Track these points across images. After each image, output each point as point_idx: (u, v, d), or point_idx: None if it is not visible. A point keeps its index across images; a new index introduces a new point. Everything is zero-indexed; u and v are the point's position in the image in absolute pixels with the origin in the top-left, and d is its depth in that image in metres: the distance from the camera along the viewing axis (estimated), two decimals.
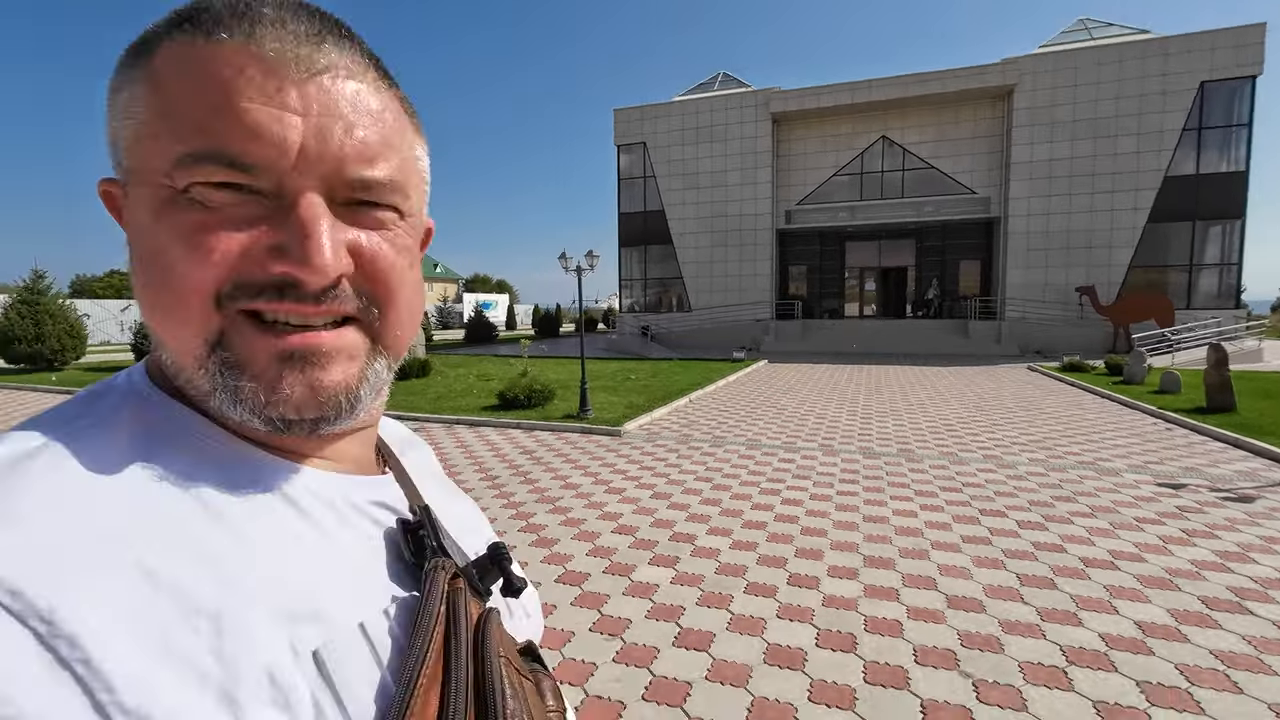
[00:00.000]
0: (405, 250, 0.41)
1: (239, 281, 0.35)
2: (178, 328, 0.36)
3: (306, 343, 0.36)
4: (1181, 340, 16.88)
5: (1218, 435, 7.65)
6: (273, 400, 0.36)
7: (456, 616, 0.39)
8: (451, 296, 58.66)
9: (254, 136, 0.33)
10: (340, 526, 0.40)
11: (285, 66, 0.35)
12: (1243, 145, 18.61)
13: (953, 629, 3.16)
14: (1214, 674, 2.78)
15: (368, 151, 0.37)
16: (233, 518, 0.35)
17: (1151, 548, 4.23)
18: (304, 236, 0.34)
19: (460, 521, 0.53)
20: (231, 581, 0.32)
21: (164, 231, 0.34)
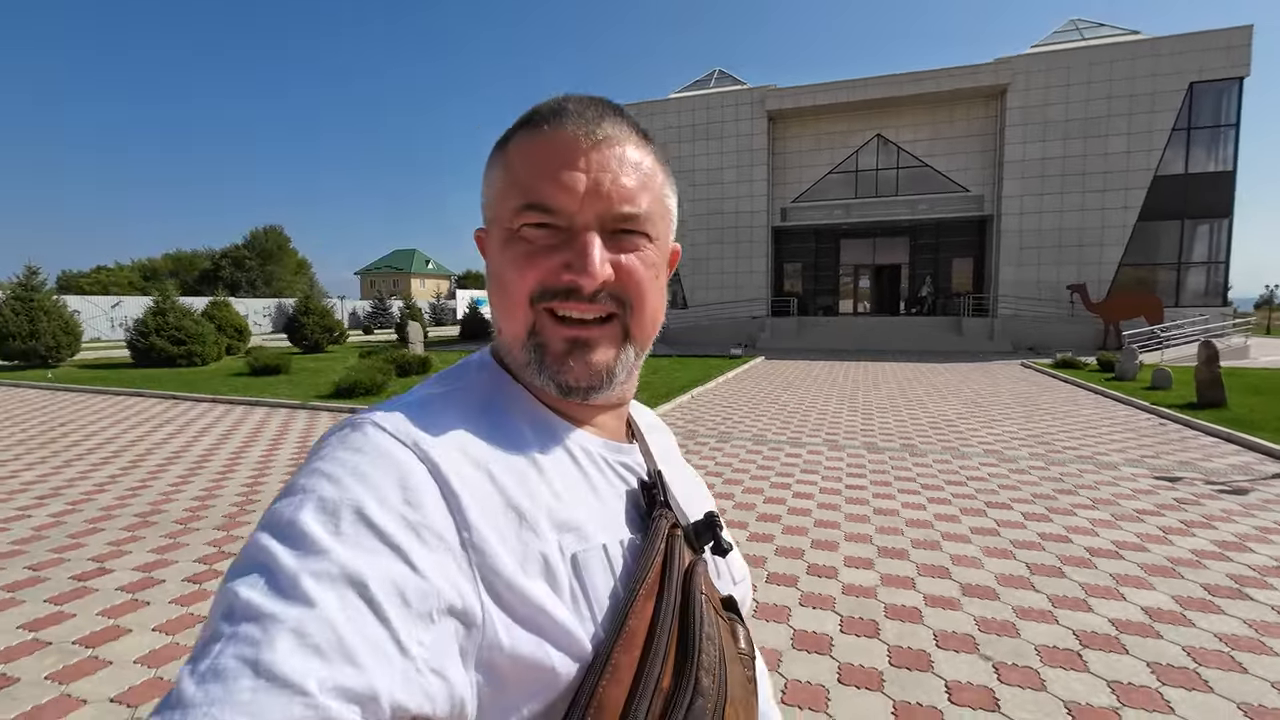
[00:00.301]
0: (652, 266, 0.54)
1: (543, 288, 0.51)
2: (510, 321, 0.54)
3: (583, 334, 0.52)
4: (1171, 337, 17.20)
5: (1210, 430, 7.86)
6: (561, 371, 0.53)
7: (671, 555, 0.51)
8: (444, 293, 58.46)
9: (556, 191, 0.50)
10: (599, 475, 0.55)
11: (578, 141, 0.51)
12: (1230, 145, 18.95)
13: (969, 615, 3.29)
14: (1219, 655, 2.92)
15: (628, 194, 0.52)
16: (535, 454, 0.52)
17: (1152, 538, 4.39)
18: (583, 256, 0.50)
19: (686, 491, 0.66)
20: (532, 495, 0.49)
21: (505, 258, 0.53)
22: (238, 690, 0.33)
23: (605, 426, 0.59)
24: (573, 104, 0.53)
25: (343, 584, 0.38)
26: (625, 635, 0.45)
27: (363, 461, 0.44)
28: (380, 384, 11.30)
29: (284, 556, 0.38)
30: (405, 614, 0.39)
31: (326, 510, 0.41)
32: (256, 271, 57.27)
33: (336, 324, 22.00)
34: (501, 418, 0.53)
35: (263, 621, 0.35)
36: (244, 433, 8.19)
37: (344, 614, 0.37)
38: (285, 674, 0.33)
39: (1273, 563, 3.96)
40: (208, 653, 0.35)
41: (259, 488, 5.68)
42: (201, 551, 4.18)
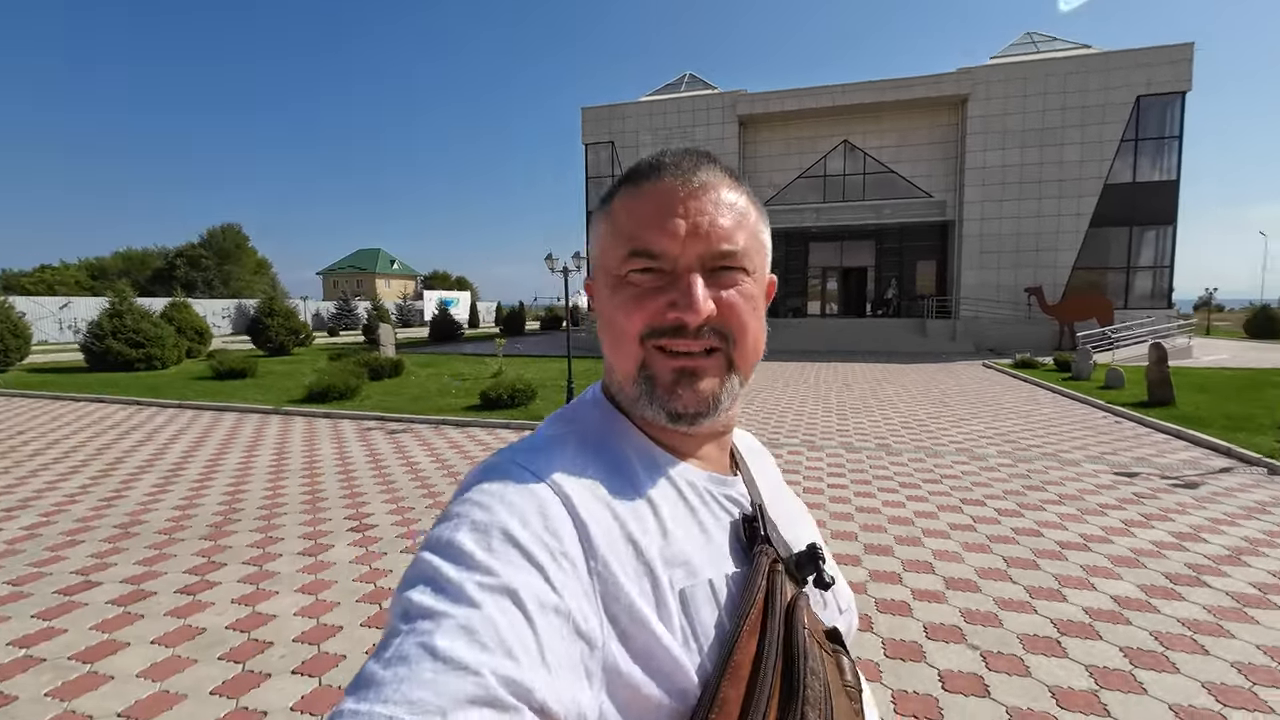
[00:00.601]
0: (750, 298, 0.57)
1: (651, 327, 0.55)
2: (621, 359, 0.57)
3: (689, 364, 0.56)
4: (1121, 338, 18.04)
5: (1162, 427, 8.32)
6: (671, 399, 0.56)
7: (773, 590, 0.52)
8: (410, 293, 57.46)
9: (659, 236, 0.55)
10: (704, 509, 0.57)
11: (675, 190, 0.55)
12: (1174, 155, 19.95)
13: (955, 607, 3.47)
14: (1183, 639, 3.16)
15: (725, 234, 0.55)
16: (647, 490, 0.55)
17: (1116, 530, 4.67)
18: (687, 295, 0.53)
19: (789, 519, 0.67)
20: (646, 530, 0.52)
21: (614, 302, 0.57)
22: (420, 671, 0.38)
23: (709, 457, 0.62)
24: (669, 157, 0.58)
25: (499, 592, 0.43)
26: (731, 670, 0.47)
27: (507, 492, 0.50)
28: (354, 388, 11.13)
29: (447, 568, 0.44)
30: (549, 626, 0.43)
31: (479, 530, 0.46)
32: (214, 271, 55.41)
33: (302, 326, 21.52)
34: (616, 455, 0.57)
35: (436, 618, 0.41)
36: (217, 439, 7.99)
37: (504, 618, 0.41)
38: (460, 659, 0.39)
39: (1225, 551, 4.26)
40: (389, 645, 0.40)
41: (241, 496, 5.58)
42: (191, 563, 4.11)
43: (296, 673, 2.86)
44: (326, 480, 6.08)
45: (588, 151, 25.39)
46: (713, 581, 0.52)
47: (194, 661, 2.95)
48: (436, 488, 5.81)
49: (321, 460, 6.89)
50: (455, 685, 0.38)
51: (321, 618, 3.38)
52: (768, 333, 0.62)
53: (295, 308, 22.38)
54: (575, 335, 28.98)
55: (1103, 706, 2.62)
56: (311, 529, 4.73)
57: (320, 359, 17.58)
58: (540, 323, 43.85)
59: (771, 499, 0.66)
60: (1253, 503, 5.31)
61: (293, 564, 4.09)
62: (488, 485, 0.51)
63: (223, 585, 3.77)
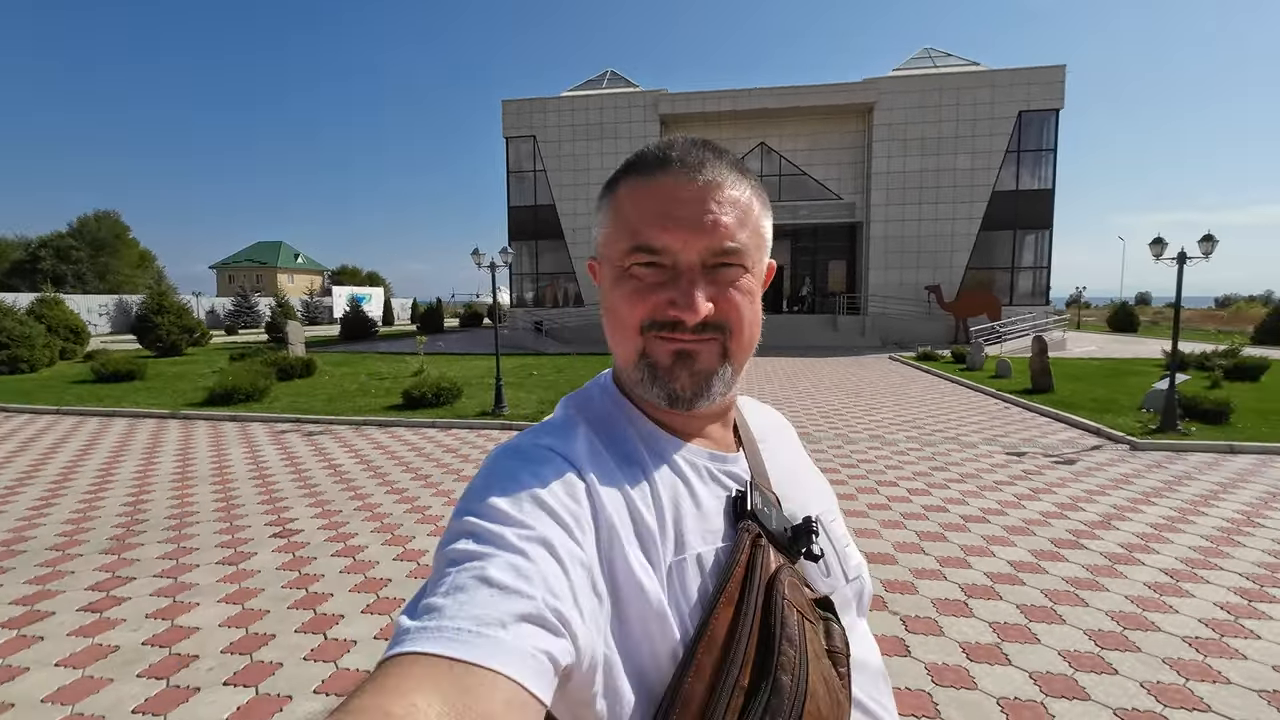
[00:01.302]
0: (748, 293, 0.59)
1: (652, 320, 0.57)
2: (623, 346, 0.60)
3: (686, 346, 0.58)
4: (1007, 332, 19.78)
5: (1043, 412, 9.25)
6: (671, 380, 0.58)
7: (754, 563, 0.55)
8: (317, 289, 54.21)
9: (661, 233, 0.56)
10: (701, 485, 0.60)
11: (680, 187, 0.56)
12: (1050, 167, 22.05)
13: (877, 578, 3.76)
14: (1067, 594, 3.58)
15: (728, 231, 0.56)
16: (648, 467, 0.59)
17: (1009, 504, 5.19)
18: (687, 295, 0.55)
19: (801, 491, 0.70)
20: (646, 504, 0.56)
21: (618, 293, 0.59)
22: (478, 595, 0.41)
23: (712, 436, 0.65)
24: (676, 150, 0.58)
25: (537, 542, 0.46)
26: (707, 638, 0.50)
27: (530, 465, 0.54)
28: (262, 389, 10.47)
29: (486, 524, 0.47)
30: (579, 576, 0.47)
31: (510, 495, 0.50)
32: (87, 264, 50.03)
33: (196, 324, 19.91)
34: (621, 436, 0.61)
35: (485, 558, 0.44)
36: (107, 447, 7.31)
37: (544, 563, 0.45)
38: (513, 585, 0.42)
39: (1098, 518, 4.84)
40: (443, 581, 0.43)
41: (144, 506, 5.17)
42: (94, 579, 3.79)
43: (229, 684, 2.73)
44: (241, 486, 5.73)
45: (509, 145, 24.94)
46: (701, 555, 0.55)
47: (109, 681, 2.75)
48: (364, 490, 5.60)
49: (233, 465, 6.46)
50: (512, 604, 0.41)
51: (250, 627, 3.22)
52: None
53: (187, 304, 20.70)
54: (500, 332, 28.38)
55: (1004, 656, 2.95)
56: (229, 537, 4.46)
57: (219, 359, 16.34)
58: (459, 320, 42.58)
59: (783, 475, 0.69)
60: (1118, 475, 6.03)
61: (212, 574, 3.85)
62: (511, 461, 0.55)
63: (133, 600, 3.51)
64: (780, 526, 0.60)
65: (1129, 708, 2.58)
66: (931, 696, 2.66)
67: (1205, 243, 7.92)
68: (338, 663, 2.90)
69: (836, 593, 0.65)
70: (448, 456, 6.83)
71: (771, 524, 0.59)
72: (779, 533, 0.59)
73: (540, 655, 0.40)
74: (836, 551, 0.68)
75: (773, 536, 0.58)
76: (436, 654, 0.38)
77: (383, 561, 4.03)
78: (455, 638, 0.38)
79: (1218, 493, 5.48)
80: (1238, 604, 3.46)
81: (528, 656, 0.39)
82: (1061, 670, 2.84)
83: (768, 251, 0.63)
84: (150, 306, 18.96)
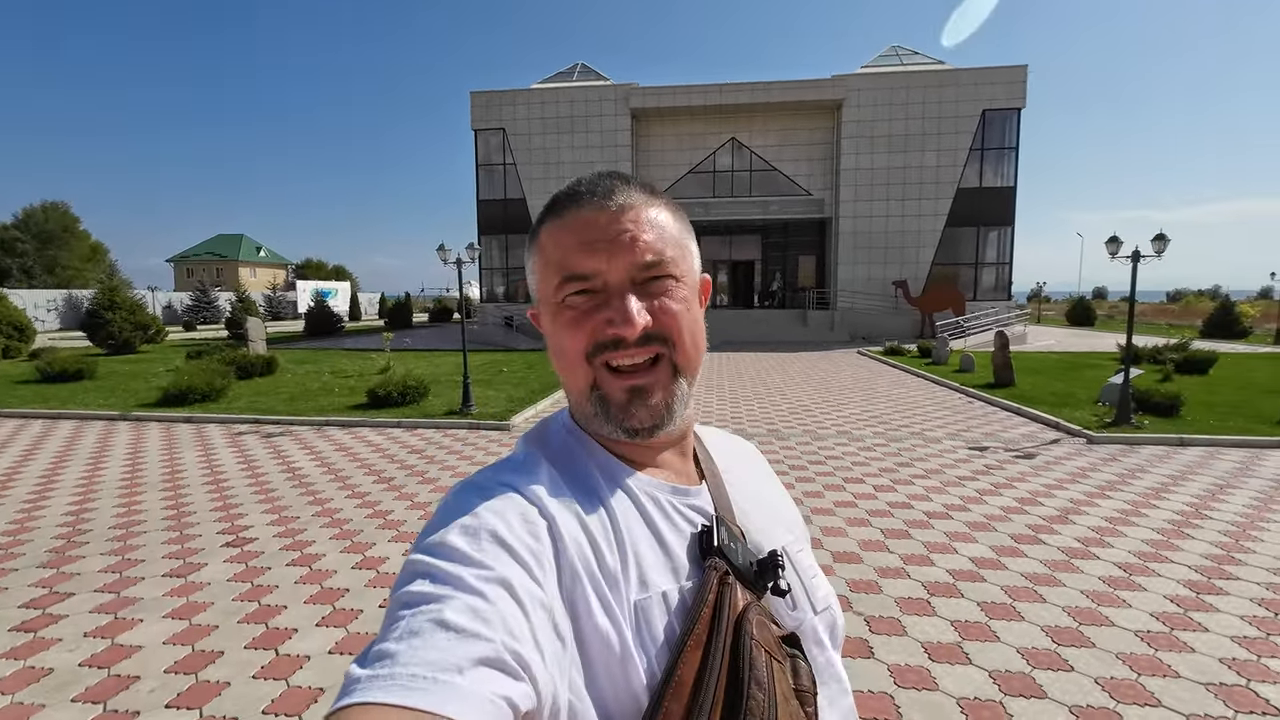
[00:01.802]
0: (683, 300, 0.59)
1: (594, 343, 0.57)
2: (572, 378, 0.60)
3: (639, 382, 0.58)
4: (971, 327, 20.23)
5: (1005, 406, 9.46)
6: (626, 418, 0.58)
7: (721, 603, 0.53)
8: (280, 284, 52.76)
9: (585, 259, 0.57)
10: (664, 521, 0.59)
11: (597, 215, 0.58)
12: (1012, 165, 22.56)
13: (842, 579, 3.79)
14: (1025, 590, 3.64)
15: (650, 248, 0.58)
16: (610, 504, 0.57)
17: (971, 499, 5.27)
18: (621, 310, 0.56)
19: (766, 524, 0.67)
20: (609, 543, 0.54)
21: (558, 326, 0.59)
22: (434, 640, 0.40)
23: (671, 467, 0.64)
24: (584, 185, 0.60)
25: (496, 583, 0.45)
26: (675, 684, 0.48)
27: (490, 502, 0.53)
28: (220, 388, 10.13)
29: (443, 564, 0.46)
30: (539, 618, 0.46)
31: (469, 533, 0.49)
32: (34, 257, 47.90)
33: (151, 320, 19.18)
34: (582, 472, 0.59)
35: (441, 600, 0.43)
36: (51, 450, 6.99)
37: (503, 604, 0.44)
38: (471, 628, 0.41)
39: (1056, 512, 4.95)
40: (396, 626, 0.42)
41: (88, 514, 4.94)
42: (27, 595, 3.59)
43: (171, 706, 2.61)
44: (193, 492, 5.51)
45: (477, 138, 24.55)
46: (667, 594, 0.54)
47: (40, 707, 2.60)
48: (324, 494, 5.44)
49: (185, 470, 6.23)
50: (469, 648, 0.40)
51: (197, 644, 3.09)
52: (706, 328, 0.64)
53: (142, 299, 19.88)
54: (469, 328, 28.07)
55: (965, 655, 2.98)
56: (178, 547, 4.28)
57: (176, 357, 15.78)
58: (429, 315, 41.89)
59: (748, 506, 0.67)
60: (1075, 469, 6.19)
61: (158, 587, 3.69)
62: (471, 497, 0.53)
63: (71, 618, 3.33)
64: (746, 561, 0.59)
65: (1084, 705, 2.62)
66: (894, 699, 2.67)
67: (1158, 241, 8.17)
68: (289, 680, 2.79)
69: (805, 625, 0.63)
70: (412, 458, 6.68)
71: (738, 559, 0.58)
72: (745, 568, 0.58)
73: (500, 701, 0.39)
74: (804, 583, 0.66)
75: (739, 572, 0.57)
76: (388, 703, 0.36)
77: (340, 570, 3.91)
78: (410, 685, 0.37)
79: (1168, 485, 5.65)
80: (1187, 597, 3.57)
81: (485, 702, 0.38)
82: (1020, 668, 2.88)
83: (696, 264, 0.64)
84: (101, 302, 18.20)
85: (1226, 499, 5.27)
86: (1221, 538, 4.42)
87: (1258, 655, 2.98)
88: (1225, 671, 2.85)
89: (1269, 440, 7.11)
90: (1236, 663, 2.92)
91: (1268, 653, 3.00)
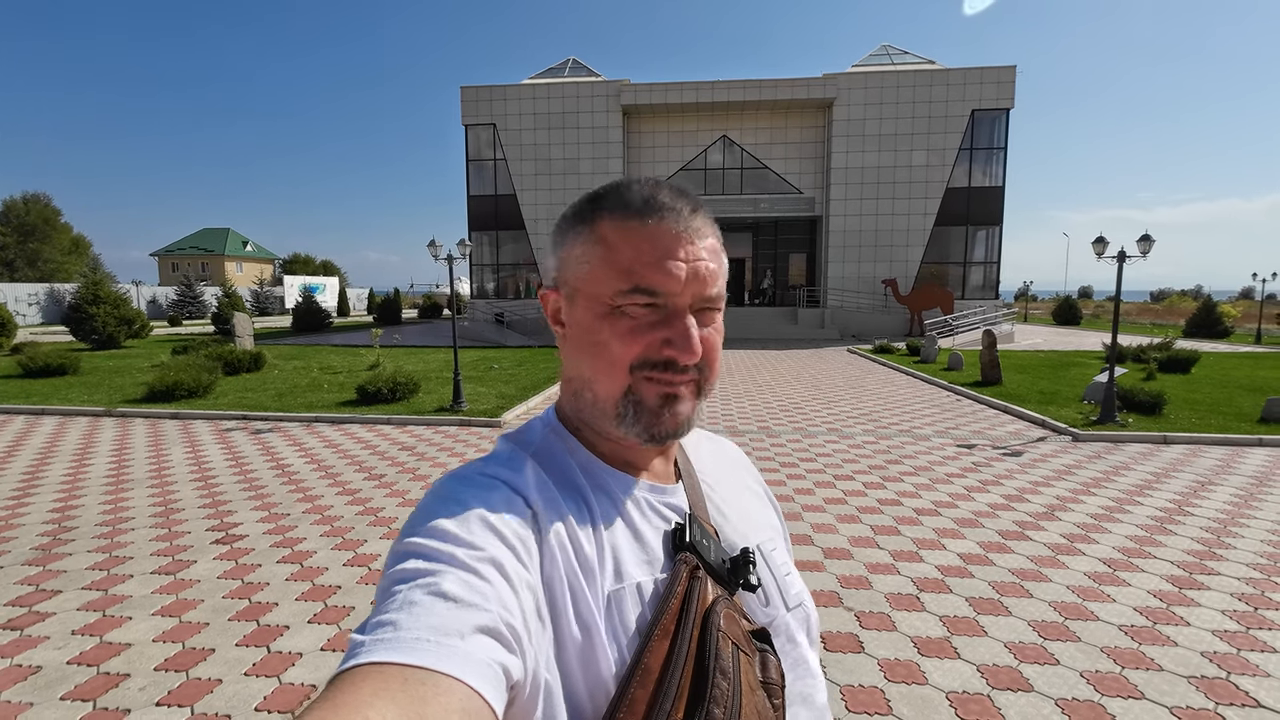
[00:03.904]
0: (720, 332, 0.62)
1: (644, 359, 0.58)
2: (608, 382, 0.59)
3: (673, 390, 0.59)
4: (959, 325, 20.40)
5: (992, 404, 9.56)
6: (656, 423, 0.59)
7: (690, 596, 0.55)
8: (268, 279, 52.23)
9: (664, 279, 0.57)
10: (641, 517, 0.61)
11: (679, 236, 0.58)
12: (1001, 165, 22.75)
13: (832, 574, 3.82)
14: (1013, 585, 3.70)
15: (713, 278, 0.59)
16: (588, 498, 0.59)
17: (960, 496, 5.33)
18: (685, 337, 0.57)
19: (743, 523, 0.70)
20: (586, 537, 0.56)
21: (606, 329, 0.58)
22: (434, 608, 0.41)
23: (652, 469, 0.65)
24: (665, 197, 0.59)
25: (487, 562, 0.46)
26: (641, 672, 0.50)
27: (477, 491, 0.54)
28: (207, 384, 10.03)
29: (435, 544, 0.47)
30: (526, 598, 0.47)
31: (458, 518, 0.50)
32: (14, 250, 47.11)
33: (136, 314, 18.93)
34: (564, 468, 0.61)
35: (437, 574, 0.44)
36: (34, 447, 6.89)
37: (495, 582, 0.45)
38: (468, 599, 0.43)
39: (1042, 509, 5.02)
40: (394, 597, 0.43)
41: (73, 512, 4.88)
42: (13, 593, 3.55)
43: (162, 704, 2.59)
44: (181, 489, 5.47)
45: (468, 133, 24.40)
46: (641, 586, 0.56)
47: (28, 706, 2.58)
48: (314, 491, 5.41)
49: (172, 467, 6.17)
50: (470, 616, 0.41)
51: (187, 641, 3.07)
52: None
53: (126, 294, 19.63)
54: (460, 324, 27.89)
55: (954, 650, 3.02)
56: (167, 544, 4.25)
57: (161, 352, 15.62)
58: (419, 310, 41.64)
59: (724, 506, 0.70)
60: (1061, 466, 6.28)
61: (146, 585, 3.66)
62: (458, 487, 0.55)
63: (59, 616, 3.30)
64: (719, 558, 0.61)
65: (1069, 697, 2.67)
66: (884, 693, 2.70)
67: (1143, 242, 8.28)
68: (281, 677, 2.78)
69: (778, 621, 0.65)
70: (403, 455, 6.66)
71: (710, 555, 0.60)
72: (717, 564, 0.60)
73: (496, 667, 0.40)
74: (776, 580, 0.68)
75: (711, 568, 0.59)
76: (391, 662, 0.37)
77: (332, 568, 3.90)
78: (414, 646, 0.38)
79: (1151, 483, 5.74)
80: (1169, 591, 3.63)
81: (485, 667, 0.39)
82: (1007, 662, 2.92)
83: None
84: (85, 296, 17.94)
85: (1208, 495, 5.36)
86: (1203, 534, 4.51)
87: (1238, 648, 3.04)
88: (1206, 664, 2.91)
89: (1249, 438, 7.24)
90: (1217, 655, 2.98)
91: (1247, 646, 3.06)
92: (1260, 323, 23.59)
